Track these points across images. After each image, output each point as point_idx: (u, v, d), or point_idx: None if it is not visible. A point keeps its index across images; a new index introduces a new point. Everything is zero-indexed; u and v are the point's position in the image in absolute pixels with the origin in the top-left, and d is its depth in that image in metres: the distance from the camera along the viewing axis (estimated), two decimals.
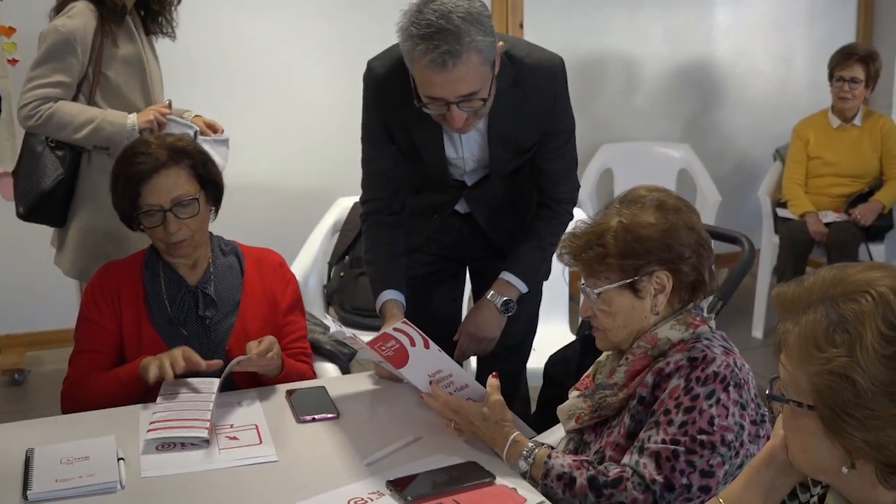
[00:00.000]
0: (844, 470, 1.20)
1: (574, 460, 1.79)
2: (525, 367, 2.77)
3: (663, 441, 1.69)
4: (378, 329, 2.26)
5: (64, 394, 2.33)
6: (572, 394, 1.96)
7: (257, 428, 2.05)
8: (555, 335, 3.29)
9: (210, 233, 2.46)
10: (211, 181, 2.39)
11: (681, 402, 1.71)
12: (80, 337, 2.38)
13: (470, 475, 1.82)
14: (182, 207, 2.30)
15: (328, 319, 3.47)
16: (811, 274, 1.27)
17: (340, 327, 2.21)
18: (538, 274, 2.54)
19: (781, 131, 5.16)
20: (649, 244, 1.80)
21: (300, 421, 2.09)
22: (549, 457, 1.80)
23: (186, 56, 3.39)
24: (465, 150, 2.39)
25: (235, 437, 2.01)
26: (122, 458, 1.90)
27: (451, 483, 1.79)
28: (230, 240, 2.51)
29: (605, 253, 1.82)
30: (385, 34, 2.18)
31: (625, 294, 1.83)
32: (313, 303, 3.72)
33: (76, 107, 2.95)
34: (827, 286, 1.22)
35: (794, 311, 1.24)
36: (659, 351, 1.80)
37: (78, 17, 2.94)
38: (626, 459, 1.74)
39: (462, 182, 2.50)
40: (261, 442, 1.99)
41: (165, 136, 2.47)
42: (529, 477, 1.82)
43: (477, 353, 2.55)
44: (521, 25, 4.99)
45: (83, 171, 3.05)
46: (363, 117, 2.42)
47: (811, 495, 1.39)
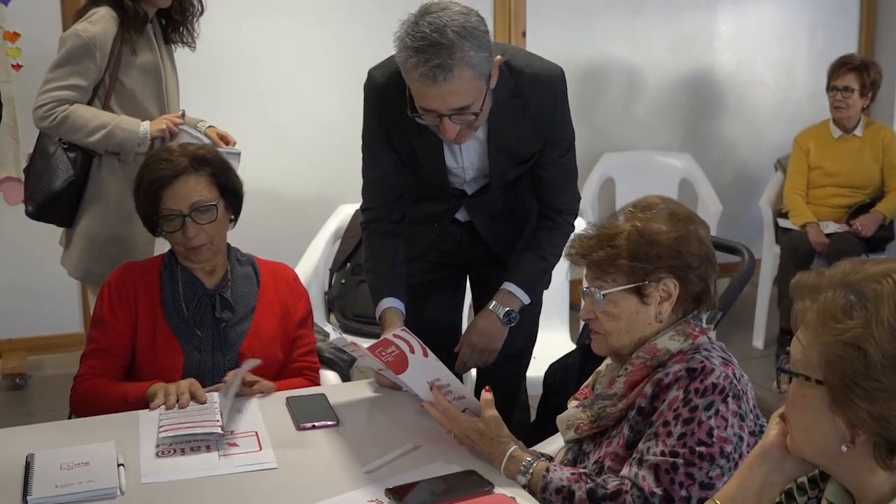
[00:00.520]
0: (844, 448, 1.24)
1: (572, 473, 1.79)
2: (525, 377, 2.77)
3: (662, 453, 1.69)
4: (379, 337, 2.27)
5: (73, 393, 2.35)
6: (571, 404, 1.97)
7: (257, 435, 2.05)
8: (555, 344, 3.29)
9: (228, 244, 2.51)
10: (231, 189, 2.45)
11: (679, 413, 1.71)
12: (92, 336, 2.42)
13: (469, 484, 1.82)
14: (201, 213, 2.35)
15: (328, 327, 3.48)
16: (829, 267, 1.32)
17: (341, 334, 2.22)
18: (540, 285, 2.54)
19: (783, 141, 5.17)
20: (661, 250, 1.81)
21: (300, 428, 2.10)
22: (548, 470, 1.80)
23: (189, 64, 3.40)
24: (465, 159, 2.40)
25: (235, 444, 2.01)
26: (121, 464, 1.90)
27: (450, 491, 1.79)
28: (246, 252, 2.56)
29: (616, 254, 1.83)
30: (387, 43, 2.19)
31: (631, 298, 1.84)
32: (314, 310, 3.72)
33: (91, 111, 2.99)
34: (846, 273, 1.27)
35: (812, 291, 1.29)
36: (658, 361, 1.80)
37: (99, 23, 2.98)
38: (624, 471, 1.74)
39: (462, 191, 2.50)
40: (261, 449, 1.99)
41: (187, 145, 2.53)
42: (528, 492, 1.82)
43: (478, 365, 2.55)
44: (524, 34, 5.01)
45: (93, 173, 3.09)
46: (363, 125, 2.43)
47: (808, 498, 1.40)
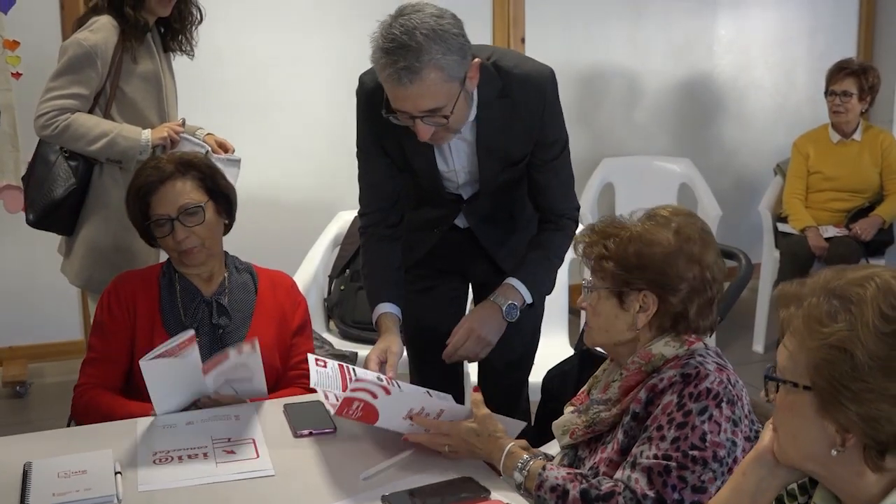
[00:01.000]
0: (833, 453, 1.25)
1: (568, 473, 1.80)
2: (526, 383, 2.75)
3: (655, 456, 1.70)
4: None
5: (76, 404, 2.37)
6: (567, 409, 1.97)
7: (254, 442, 2.06)
8: (554, 349, 3.28)
9: (226, 252, 2.52)
10: (219, 192, 2.46)
11: (673, 417, 1.72)
12: (92, 343, 2.44)
13: (465, 490, 1.82)
14: (188, 216, 2.38)
15: (327, 334, 3.48)
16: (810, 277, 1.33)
17: (321, 370, 2.17)
18: (543, 286, 2.49)
19: (782, 146, 5.18)
20: (647, 263, 1.81)
21: (297, 435, 2.10)
22: (544, 468, 1.81)
23: (189, 71, 3.41)
24: (456, 162, 2.40)
25: (233, 451, 2.01)
26: (119, 472, 1.90)
27: (447, 498, 1.79)
28: (245, 261, 2.58)
29: (605, 255, 1.85)
30: None
31: (611, 300, 1.86)
32: (314, 316, 3.71)
33: (92, 119, 3.00)
34: (829, 280, 1.29)
35: (796, 299, 1.30)
36: (653, 367, 1.81)
37: (100, 32, 3.00)
38: (618, 474, 1.74)
39: (458, 196, 2.50)
40: (258, 456, 2.00)
41: (172, 152, 2.54)
42: (524, 489, 1.83)
43: (468, 357, 2.44)
44: (523, 40, 5.02)
45: (94, 181, 3.10)
46: (357, 131, 2.43)
47: (797, 503, 1.41)
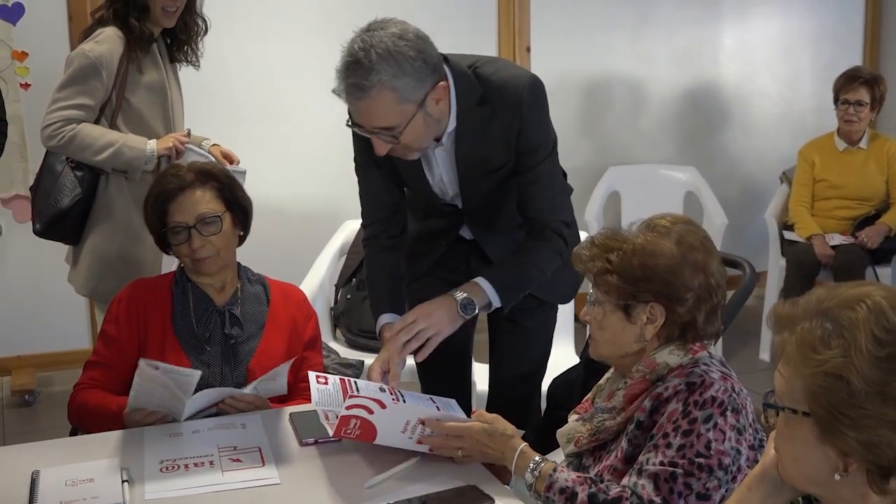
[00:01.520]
0: (837, 477, 1.24)
1: (578, 476, 1.80)
2: (538, 396, 2.74)
3: (661, 463, 1.71)
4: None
5: (70, 402, 2.40)
6: (572, 417, 1.98)
7: (260, 450, 2.07)
8: (560, 358, 3.29)
9: (238, 263, 2.54)
10: (237, 204, 2.48)
11: (679, 425, 1.72)
12: (96, 348, 2.47)
13: (469, 499, 1.83)
14: (206, 225, 2.40)
15: (334, 343, 3.49)
16: (804, 295, 1.31)
17: (322, 387, 2.18)
18: (514, 290, 2.38)
19: (788, 154, 5.18)
20: (652, 275, 1.82)
21: (303, 444, 2.11)
22: (555, 470, 1.82)
23: (195, 80, 3.43)
24: (443, 172, 2.39)
25: (239, 460, 2.03)
26: (126, 481, 1.91)
27: None
28: (257, 273, 2.60)
29: (609, 269, 1.85)
30: None
31: (617, 313, 1.86)
32: (321, 325, 3.73)
33: (98, 129, 3.02)
34: (821, 301, 1.27)
35: (789, 323, 1.29)
36: (657, 375, 1.82)
37: (105, 43, 3.02)
38: (625, 481, 1.75)
39: (454, 206, 2.49)
40: (263, 464, 2.01)
41: (193, 162, 2.57)
42: (533, 490, 1.84)
43: (413, 348, 2.28)
44: (528, 49, 5.03)
45: (100, 191, 3.12)
46: (353, 143, 2.43)
47: None
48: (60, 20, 4.23)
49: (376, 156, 2.36)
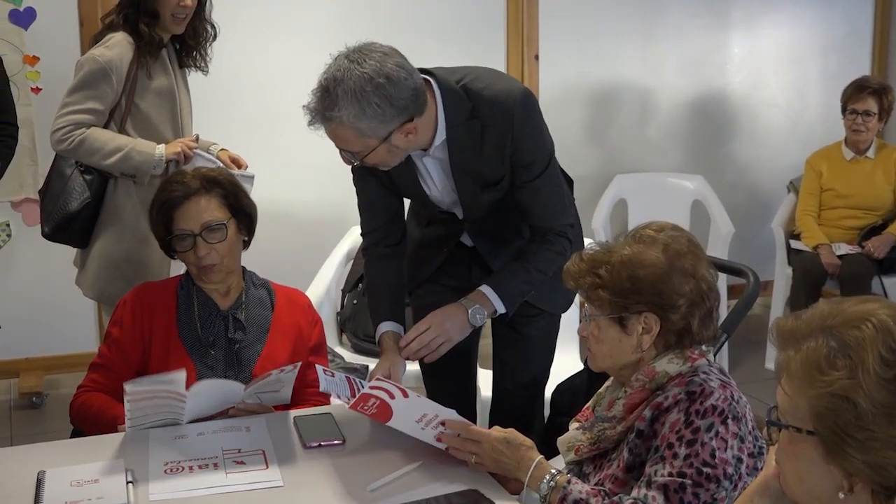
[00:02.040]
0: (841, 496, 1.22)
1: (592, 488, 1.81)
2: (541, 403, 2.75)
3: (670, 474, 1.71)
4: None
5: (72, 403, 2.42)
6: (572, 425, 1.99)
7: (264, 453, 2.08)
8: (564, 364, 3.30)
9: (244, 267, 2.55)
10: (242, 210, 2.49)
11: (682, 435, 1.73)
12: (100, 350, 2.49)
13: (471, 502, 1.84)
14: (211, 232, 2.40)
15: (340, 348, 3.51)
16: (807, 309, 1.30)
17: (330, 378, 2.23)
18: (518, 297, 2.42)
19: (795, 163, 5.18)
20: (642, 285, 1.82)
21: (306, 447, 2.12)
22: (569, 482, 1.83)
23: (200, 85, 3.46)
24: (437, 182, 2.41)
25: (242, 462, 2.04)
26: (130, 482, 1.93)
27: None
28: (262, 277, 2.61)
29: (598, 284, 1.85)
30: None
31: (613, 326, 1.86)
32: (327, 330, 3.75)
33: (107, 134, 3.05)
34: (825, 317, 1.25)
35: (793, 340, 1.27)
36: (657, 384, 1.82)
37: (115, 48, 3.04)
38: (634, 493, 1.75)
39: (453, 214, 2.50)
40: (267, 467, 2.02)
41: (201, 168, 2.59)
42: (547, 501, 1.84)
43: (427, 350, 2.34)
44: (537, 57, 5.04)
45: (108, 195, 3.14)
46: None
47: None
48: (71, 25, 4.25)
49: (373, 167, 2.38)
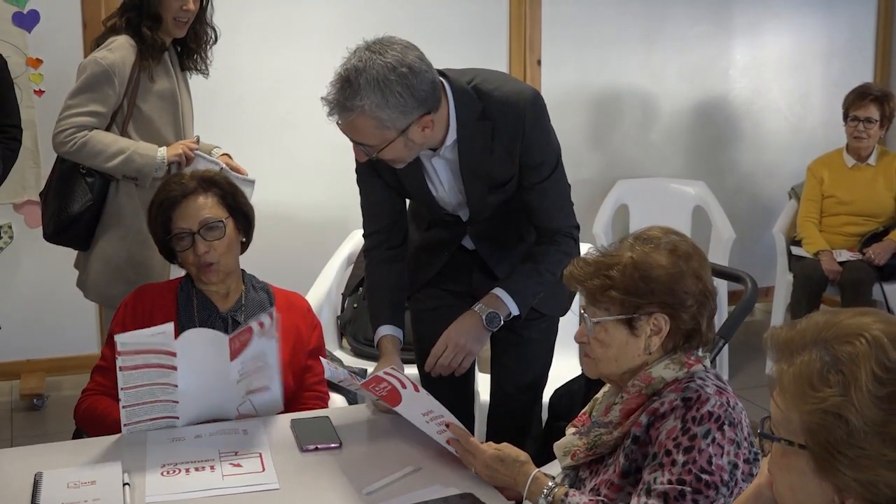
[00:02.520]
0: None
1: (590, 499, 1.81)
2: (539, 407, 2.76)
3: (669, 481, 1.71)
4: None
5: (77, 406, 2.43)
6: (569, 430, 1.98)
7: (261, 456, 2.09)
8: (563, 369, 3.30)
9: (243, 270, 2.56)
10: (239, 210, 2.51)
11: (680, 442, 1.73)
12: (103, 352, 2.50)
13: None
14: (209, 230, 2.43)
15: (339, 352, 3.51)
16: (802, 319, 1.29)
17: (337, 369, 2.26)
18: (531, 297, 2.45)
19: (797, 169, 5.18)
20: (654, 286, 1.82)
21: (303, 450, 2.13)
22: (567, 494, 1.83)
23: (204, 87, 3.47)
24: (444, 183, 2.42)
25: (239, 465, 2.05)
26: (127, 484, 1.94)
27: None
28: (262, 280, 2.62)
29: (609, 285, 1.85)
30: None
31: (621, 328, 1.86)
32: (327, 334, 3.75)
33: (109, 136, 3.06)
34: (819, 329, 1.25)
35: (786, 352, 1.26)
36: (653, 390, 1.82)
37: (118, 51, 3.06)
38: (633, 501, 1.75)
39: (458, 217, 2.51)
40: (264, 469, 2.03)
41: (196, 170, 2.61)
42: None
43: (449, 369, 2.41)
44: (539, 62, 5.05)
45: (110, 197, 3.16)
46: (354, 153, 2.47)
47: None
48: (74, 28, 4.27)
49: (379, 167, 2.39)
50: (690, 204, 5.14)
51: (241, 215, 2.52)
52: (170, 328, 2.16)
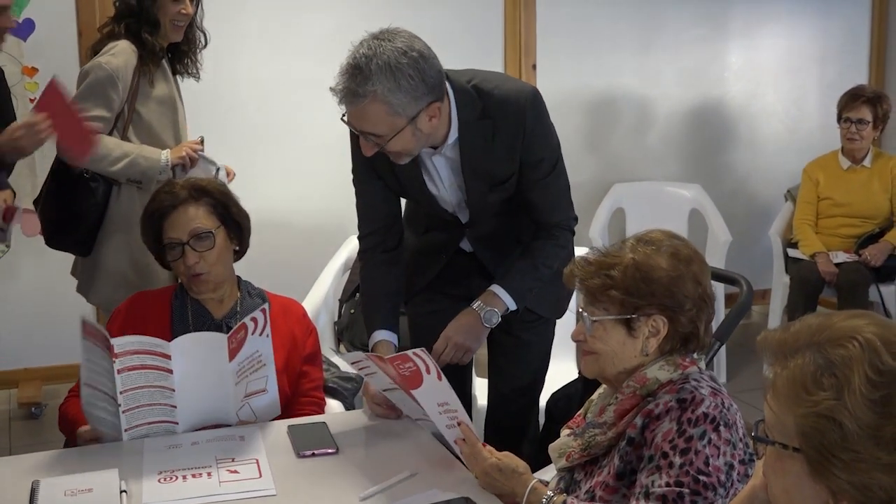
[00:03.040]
0: None
1: None
2: (536, 408, 2.76)
3: (668, 484, 1.71)
4: None
5: (60, 408, 2.47)
6: (564, 432, 1.99)
7: (258, 462, 2.09)
8: (561, 372, 3.30)
9: (239, 277, 2.57)
10: (231, 219, 2.51)
11: (676, 444, 1.73)
12: None
13: None
14: (199, 240, 2.43)
15: (336, 357, 3.51)
16: (796, 321, 1.30)
17: (350, 353, 2.26)
18: (527, 293, 2.48)
19: (793, 172, 5.19)
20: (654, 287, 1.83)
21: (300, 456, 2.13)
22: (565, 502, 1.83)
23: (201, 94, 3.48)
24: (445, 182, 2.43)
25: (236, 471, 2.05)
26: (124, 491, 1.94)
27: None
28: (258, 287, 2.62)
29: (610, 284, 1.85)
30: None
31: (619, 328, 1.86)
32: (323, 340, 3.75)
33: (113, 141, 3.08)
34: (813, 332, 1.25)
35: (780, 355, 1.27)
36: (647, 391, 1.83)
37: (121, 56, 3.08)
38: None
39: (457, 218, 2.52)
40: (260, 476, 2.03)
41: (187, 178, 2.63)
42: None
43: (452, 361, 2.45)
44: (534, 66, 5.06)
45: (113, 202, 3.18)
46: (352, 154, 2.46)
47: None
48: (70, 36, 4.28)
49: (378, 167, 2.40)
50: (687, 207, 5.14)
51: (234, 224, 2.52)
52: (164, 341, 2.17)
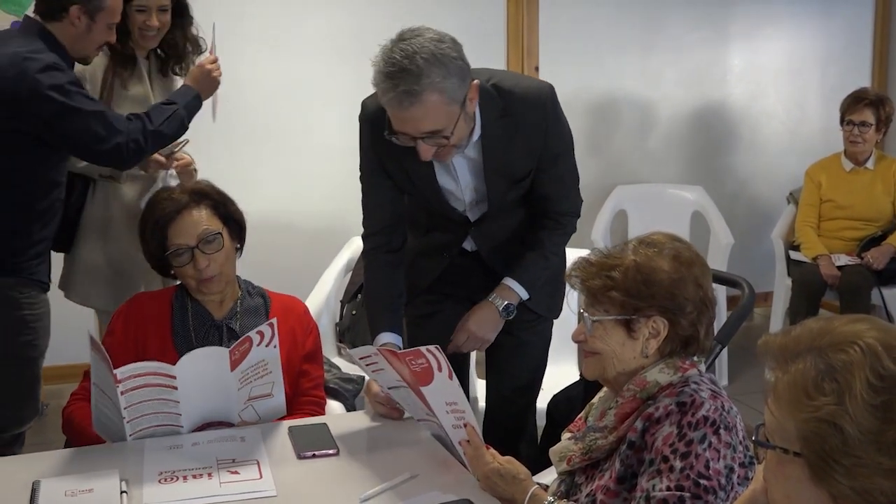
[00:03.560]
0: None
1: None
2: (534, 409, 2.77)
3: (668, 488, 1.70)
4: None
5: (63, 411, 2.44)
6: (565, 436, 1.99)
7: (259, 463, 2.09)
8: (562, 375, 3.30)
9: (238, 276, 2.56)
10: (232, 219, 2.52)
11: (676, 448, 1.73)
12: None
13: None
14: (207, 244, 2.42)
15: (337, 359, 3.51)
16: (797, 325, 1.29)
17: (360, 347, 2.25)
18: (539, 282, 2.55)
19: (795, 174, 5.19)
20: (656, 289, 1.83)
21: (301, 457, 2.13)
22: None
23: None
24: (462, 180, 2.44)
25: (237, 472, 2.05)
26: (125, 492, 1.94)
27: None
28: (258, 285, 2.62)
29: (611, 285, 1.85)
30: None
31: (619, 329, 1.86)
32: (325, 341, 3.75)
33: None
34: (814, 337, 1.25)
35: (781, 359, 1.26)
36: (647, 394, 1.82)
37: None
38: None
39: (466, 218, 2.53)
40: (261, 477, 2.03)
41: (183, 184, 2.65)
42: None
43: (471, 350, 2.60)
44: (537, 69, 5.07)
45: (88, 201, 3.19)
46: (360, 154, 2.48)
47: None
48: None
49: (388, 167, 2.41)
50: (689, 209, 5.15)
51: (234, 223, 2.52)
52: (167, 364, 2.16)
